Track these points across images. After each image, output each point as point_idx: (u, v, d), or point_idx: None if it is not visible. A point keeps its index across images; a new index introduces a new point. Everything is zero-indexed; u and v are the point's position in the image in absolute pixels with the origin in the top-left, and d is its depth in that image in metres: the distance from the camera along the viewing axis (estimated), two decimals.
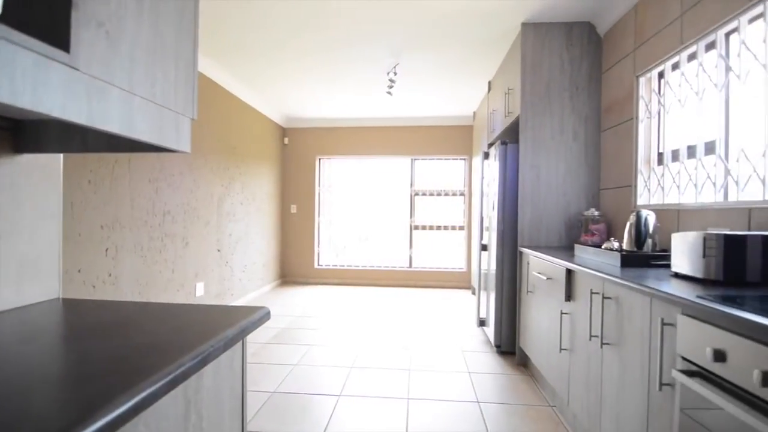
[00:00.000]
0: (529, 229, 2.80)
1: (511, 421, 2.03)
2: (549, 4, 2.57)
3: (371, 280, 5.83)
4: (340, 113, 5.49)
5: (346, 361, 2.81)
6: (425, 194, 5.85)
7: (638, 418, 1.36)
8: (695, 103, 1.92)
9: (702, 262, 1.34)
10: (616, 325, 1.50)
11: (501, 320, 2.93)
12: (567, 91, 2.79)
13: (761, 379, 0.83)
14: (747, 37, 1.63)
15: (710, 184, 1.82)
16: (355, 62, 3.63)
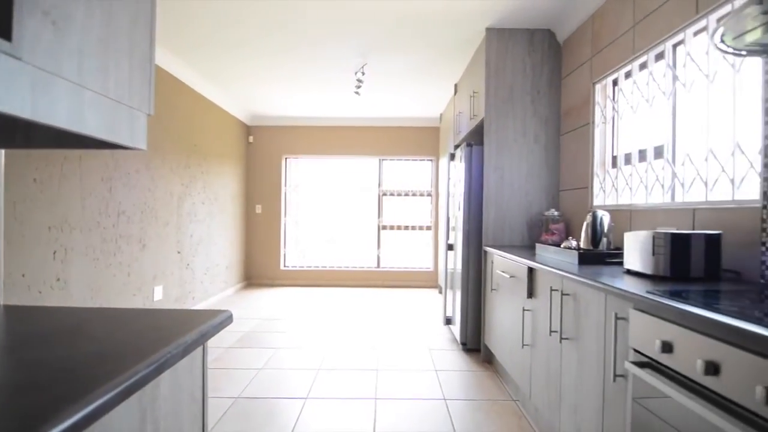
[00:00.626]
0: (493, 228, 2.88)
1: (477, 416, 2.07)
2: (512, 10, 2.65)
3: (339, 280, 5.80)
4: (307, 112, 5.42)
5: (313, 363, 2.78)
6: (393, 194, 5.89)
7: (594, 408, 1.42)
8: (646, 109, 2.04)
9: (652, 260, 1.42)
10: (574, 321, 1.57)
11: (466, 318, 2.99)
12: (529, 95, 2.89)
13: (704, 368, 0.89)
14: (692, 48, 1.75)
15: (659, 186, 1.93)
16: (322, 61, 3.60)
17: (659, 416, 1.05)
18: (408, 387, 2.42)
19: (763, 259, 1.35)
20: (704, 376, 0.90)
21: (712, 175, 1.62)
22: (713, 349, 0.89)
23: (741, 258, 1.43)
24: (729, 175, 1.54)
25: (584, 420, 1.49)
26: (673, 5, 1.80)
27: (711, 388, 0.89)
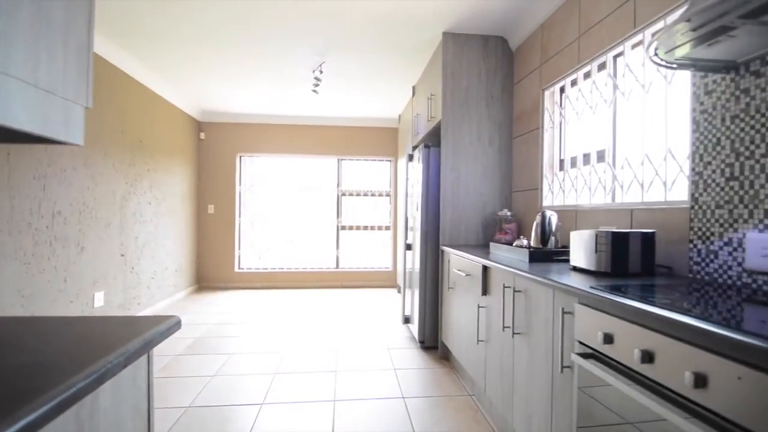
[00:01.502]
0: (450, 228, 2.95)
1: (434, 413, 2.11)
2: (467, 16, 2.72)
3: (297, 282, 5.69)
4: (263, 109, 5.28)
5: (270, 368, 2.70)
6: (352, 195, 5.87)
7: (544, 398, 1.50)
8: (590, 115, 2.18)
9: (595, 257, 1.51)
10: (526, 316, 1.64)
11: (424, 317, 3.03)
12: (484, 100, 2.99)
13: (640, 357, 0.96)
14: (630, 60, 1.88)
15: (601, 188, 2.07)
16: (279, 58, 3.52)
17: (602, 403, 1.12)
18: (367, 387, 2.42)
19: (691, 255, 1.48)
20: (641, 364, 0.97)
21: (647, 178, 1.76)
22: (648, 339, 0.96)
23: (672, 254, 1.56)
24: (662, 178, 1.67)
25: (535, 410, 1.56)
26: (613, 19, 1.93)
27: (647, 375, 0.96)
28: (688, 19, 1.04)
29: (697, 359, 0.83)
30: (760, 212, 1.24)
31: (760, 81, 1.24)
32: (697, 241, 1.45)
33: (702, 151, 1.44)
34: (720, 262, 1.36)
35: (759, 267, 1.22)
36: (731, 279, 1.32)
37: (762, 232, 1.23)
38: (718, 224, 1.38)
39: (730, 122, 1.34)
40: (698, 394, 0.82)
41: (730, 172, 1.34)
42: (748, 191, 1.28)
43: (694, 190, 1.47)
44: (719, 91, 1.38)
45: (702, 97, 1.44)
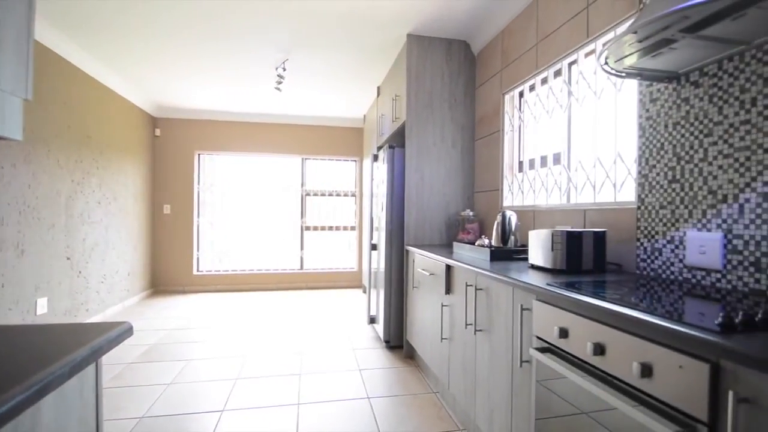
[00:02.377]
0: (414, 228, 2.98)
1: (399, 411, 2.12)
2: (432, 19, 2.76)
3: (260, 284, 5.55)
4: (223, 106, 5.10)
5: (231, 373, 2.62)
6: (316, 194, 5.80)
7: (505, 392, 1.54)
8: (546, 120, 2.27)
9: (551, 255, 1.58)
10: (487, 313, 1.68)
11: (390, 316, 3.05)
12: (447, 102, 3.04)
13: (593, 349, 1.01)
14: (584, 68, 1.98)
15: (557, 189, 2.16)
16: (241, 54, 3.41)
17: (558, 395, 1.17)
18: (332, 389, 2.40)
19: (638, 252, 1.57)
20: (593, 356, 1.02)
21: (599, 180, 1.86)
22: (600, 333, 1.01)
23: (621, 252, 1.66)
24: (612, 180, 1.77)
25: (496, 404, 1.61)
26: (568, 28, 2.02)
27: (599, 367, 1.01)
28: (635, 31, 1.11)
29: (643, 350, 0.88)
30: (698, 212, 1.34)
31: (698, 91, 1.34)
32: (644, 240, 1.55)
33: (647, 155, 1.54)
34: (663, 259, 1.46)
35: (697, 263, 1.32)
36: (673, 275, 1.42)
37: (700, 230, 1.33)
38: (661, 224, 1.47)
39: (672, 129, 1.44)
40: (644, 383, 0.87)
41: (672, 175, 1.44)
42: (688, 193, 1.38)
43: (640, 192, 1.57)
44: (663, 99, 1.48)
45: (647, 105, 1.54)
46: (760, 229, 1.15)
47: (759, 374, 0.67)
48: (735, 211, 1.22)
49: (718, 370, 0.73)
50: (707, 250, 1.29)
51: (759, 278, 1.15)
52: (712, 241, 1.27)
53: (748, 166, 1.19)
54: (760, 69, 1.16)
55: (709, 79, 1.31)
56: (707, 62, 1.29)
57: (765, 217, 1.14)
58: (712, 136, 1.30)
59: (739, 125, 1.21)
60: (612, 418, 0.97)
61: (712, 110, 1.30)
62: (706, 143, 1.31)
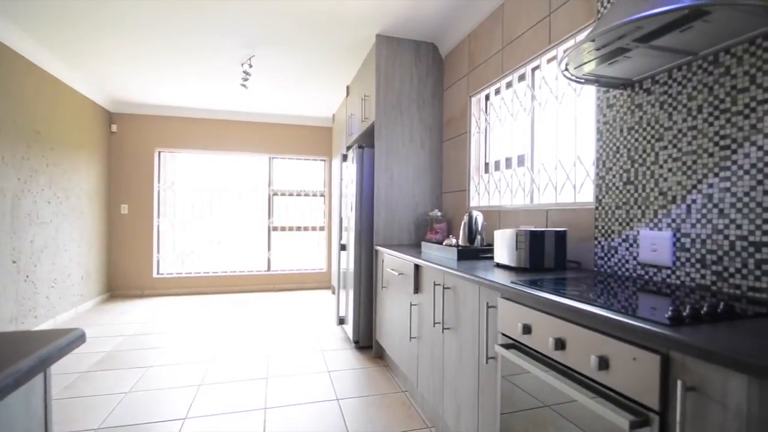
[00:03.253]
0: (383, 228, 2.99)
1: (368, 411, 2.12)
2: (399, 20, 2.78)
3: (225, 286, 5.39)
4: (186, 101, 4.92)
5: (194, 379, 2.53)
6: (284, 194, 5.70)
7: (472, 388, 1.57)
8: (511, 122, 2.34)
9: (515, 254, 1.63)
10: (455, 311, 1.71)
11: (359, 317, 3.04)
12: (415, 103, 3.07)
13: (554, 344, 1.05)
14: (546, 73, 2.05)
15: (521, 190, 2.23)
16: (205, 48, 3.30)
17: (523, 389, 1.21)
18: (300, 392, 2.36)
19: (596, 251, 1.65)
20: (554, 351, 1.06)
21: (560, 181, 1.93)
22: (561, 328, 1.05)
23: (581, 250, 1.73)
24: (572, 181, 1.85)
25: (463, 401, 1.64)
26: (532, 34, 2.09)
27: (559, 361, 1.05)
28: (593, 39, 1.16)
29: (600, 344, 0.92)
30: (650, 212, 1.42)
31: (650, 98, 1.42)
32: (601, 239, 1.62)
33: (604, 158, 1.61)
34: (619, 256, 1.54)
35: (649, 260, 1.40)
36: (628, 271, 1.50)
37: (652, 230, 1.41)
38: (617, 223, 1.55)
39: (627, 133, 1.52)
40: (602, 375, 0.91)
41: (627, 177, 1.51)
42: (641, 194, 1.46)
43: (598, 193, 1.64)
44: (618, 105, 1.56)
45: (604, 110, 1.62)
46: (705, 228, 1.23)
47: (704, 364, 0.71)
48: (683, 211, 1.30)
49: (668, 361, 0.78)
50: (658, 248, 1.37)
51: (704, 274, 1.24)
52: (663, 240, 1.35)
53: (695, 169, 1.27)
54: (706, 78, 1.24)
55: (660, 87, 1.39)
56: (658, 71, 1.37)
57: (709, 217, 1.22)
58: (663, 140, 1.38)
59: (687, 131, 1.30)
60: (572, 410, 1.01)
61: (663, 116, 1.38)
62: (657, 147, 1.40)
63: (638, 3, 1.06)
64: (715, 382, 0.69)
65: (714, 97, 1.22)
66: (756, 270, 1.10)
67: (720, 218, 1.19)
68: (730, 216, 1.17)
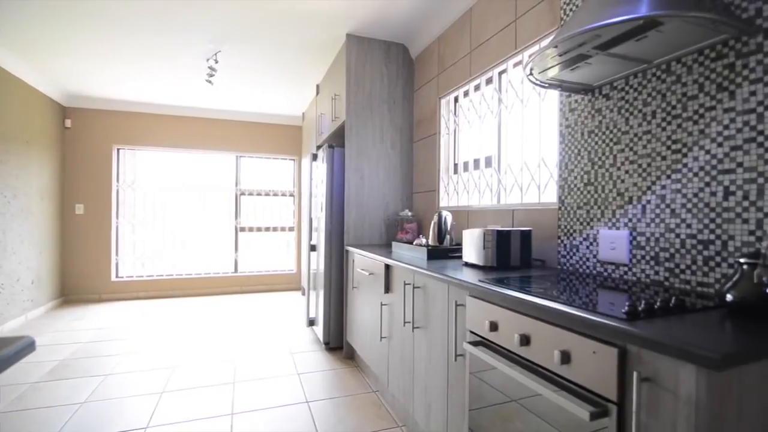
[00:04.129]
0: (354, 228, 2.98)
1: (339, 413, 2.11)
2: (370, 20, 2.78)
3: (190, 289, 5.21)
4: (148, 97, 4.71)
5: (157, 386, 2.43)
6: (252, 194, 5.57)
7: (441, 386, 1.59)
8: (479, 124, 2.39)
9: (483, 253, 1.66)
10: (424, 310, 1.73)
11: (329, 318, 3.02)
12: (386, 104, 3.08)
13: (519, 340, 1.07)
14: (512, 77, 2.11)
15: (489, 191, 2.28)
16: (168, 41, 3.17)
17: (490, 384, 1.24)
18: (269, 395, 2.32)
19: (559, 249, 1.71)
20: (520, 347, 1.09)
21: (525, 182, 1.99)
22: (526, 324, 1.08)
23: (545, 249, 1.79)
24: (537, 182, 1.91)
25: (433, 398, 1.66)
26: (499, 39, 2.14)
27: (524, 356, 1.08)
28: (556, 45, 1.21)
29: (562, 339, 0.96)
30: (609, 212, 1.49)
31: (609, 103, 1.49)
32: (564, 237, 1.68)
33: (567, 160, 1.68)
34: (581, 254, 1.60)
35: (608, 258, 1.47)
36: (589, 269, 1.56)
37: (610, 229, 1.48)
38: (578, 223, 1.62)
39: (588, 136, 1.58)
40: (564, 369, 0.95)
41: (588, 179, 1.58)
42: (600, 195, 1.52)
43: (561, 194, 1.70)
44: (580, 109, 1.62)
45: (567, 114, 1.68)
46: (659, 227, 1.31)
47: (657, 355, 0.75)
48: (639, 211, 1.37)
49: (625, 354, 0.82)
50: (616, 247, 1.43)
51: (658, 270, 1.31)
52: (620, 238, 1.42)
53: (649, 171, 1.34)
54: (659, 86, 1.31)
55: (617, 93, 1.46)
56: (616, 77, 1.44)
57: (662, 217, 1.30)
58: (620, 144, 1.45)
59: (642, 135, 1.37)
60: (537, 403, 1.04)
61: (620, 121, 1.45)
62: (615, 150, 1.46)
63: (598, 12, 1.10)
64: (667, 373, 0.74)
65: (667, 103, 1.29)
66: (704, 266, 1.18)
67: (672, 218, 1.27)
68: (681, 216, 1.24)
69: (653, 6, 1.00)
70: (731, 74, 1.12)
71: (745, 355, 0.68)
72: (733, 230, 1.10)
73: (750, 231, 1.07)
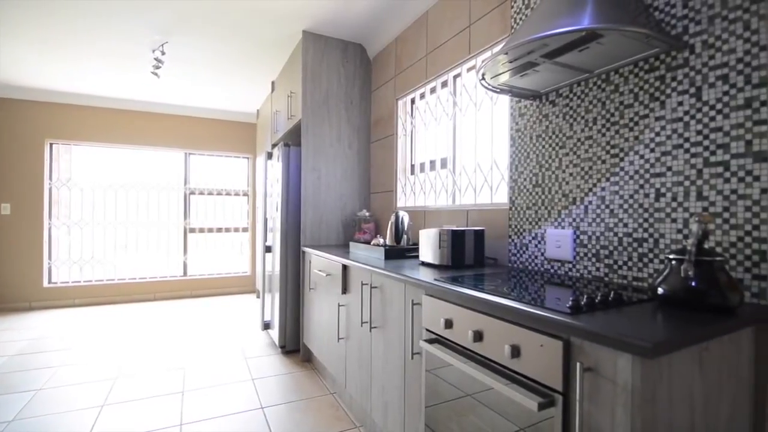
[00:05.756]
0: (311, 229, 2.93)
1: (295, 417, 2.07)
2: (327, 18, 2.75)
3: (135, 295, 4.89)
4: (86, 88, 4.37)
5: (96, 399, 2.26)
6: (203, 193, 5.33)
7: (398, 384, 1.61)
8: (435, 126, 2.43)
9: (439, 252, 1.70)
10: (382, 310, 1.73)
11: (285, 320, 2.95)
12: (343, 104, 3.06)
13: (473, 337, 1.11)
14: (467, 81, 2.17)
15: (444, 191, 2.33)
16: (109, 28, 2.96)
17: (446, 381, 1.26)
18: (221, 403, 2.23)
19: (510, 248, 1.78)
20: (473, 343, 1.13)
21: (479, 183, 2.05)
22: (478, 321, 1.12)
23: (497, 248, 1.86)
24: (489, 183, 1.97)
25: (390, 397, 1.67)
26: (454, 43, 2.20)
27: (478, 352, 1.11)
28: (506, 52, 1.26)
29: (513, 334, 1.00)
30: (555, 213, 1.57)
31: (555, 109, 1.58)
32: (514, 236, 1.76)
33: (517, 163, 1.75)
34: (530, 253, 1.68)
35: (554, 256, 1.55)
36: (537, 266, 1.64)
37: (556, 228, 1.56)
38: (527, 222, 1.69)
39: (536, 140, 1.66)
40: (514, 363, 0.99)
41: (536, 180, 1.66)
42: (547, 196, 1.61)
43: (511, 194, 1.78)
44: (529, 114, 1.70)
45: (517, 118, 1.75)
46: (599, 226, 1.40)
47: (597, 346, 0.80)
48: (582, 212, 1.46)
49: (569, 346, 0.87)
50: (562, 245, 1.52)
51: (598, 267, 1.40)
52: (565, 237, 1.50)
53: (591, 174, 1.43)
54: (600, 94, 1.40)
55: (563, 100, 1.54)
56: (562, 85, 1.52)
57: (602, 216, 1.39)
58: (565, 148, 1.53)
59: (584, 140, 1.46)
60: (490, 397, 1.07)
61: (565, 126, 1.53)
62: (561, 154, 1.55)
63: (544, 22, 1.16)
64: (607, 362, 0.79)
65: (606, 111, 1.38)
66: (639, 262, 1.27)
67: (611, 217, 1.36)
68: (618, 215, 1.33)
69: (594, 19, 1.07)
70: (662, 85, 1.22)
71: (673, 343, 0.74)
72: (664, 229, 1.20)
73: (678, 230, 1.17)
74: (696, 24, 1.13)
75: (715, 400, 0.87)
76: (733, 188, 1.04)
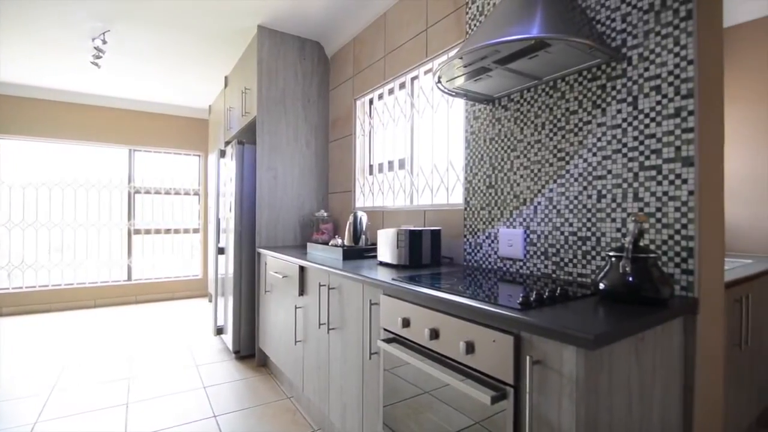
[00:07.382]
0: (266, 229, 2.85)
1: (250, 423, 2.00)
2: (284, 15, 2.69)
3: (72, 302, 4.52)
4: (17, 77, 3.99)
5: (26, 417, 2.06)
6: (149, 192, 5.03)
7: (356, 385, 1.60)
8: (393, 127, 2.45)
9: (396, 252, 1.71)
10: (340, 311, 1.72)
11: (240, 324, 2.85)
12: (300, 102, 3.01)
13: (429, 335, 1.13)
14: (424, 83, 2.20)
15: (402, 192, 2.36)
16: (44, 13, 2.72)
17: (404, 379, 1.27)
18: (169, 415, 2.11)
19: (465, 247, 1.83)
20: (430, 341, 1.14)
21: (436, 184, 2.09)
22: (435, 319, 1.14)
23: (453, 247, 1.90)
24: (445, 184, 2.02)
25: (348, 398, 1.66)
26: (411, 45, 2.22)
27: (434, 349, 1.13)
28: (461, 56, 1.29)
29: (467, 331, 1.02)
30: (507, 213, 1.63)
31: (507, 113, 1.64)
32: (469, 236, 1.81)
33: (471, 164, 1.80)
34: (483, 252, 1.73)
35: (507, 254, 1.61)
36: (491, 264, 1.70)
37: (508, 227, 1.62)
38: (481, 222, 1.75)
39: (489, 143, 1.72)
40: (469, 359, 1.01)
41: (489, 182, 1.71)
42: (500, 196, 1.67)
43: (466, 195, 1.83)
44: (482, 118, 1.75)
45: (472, 121, 1.81)
46: (547, 225, 1.47)
47: (545, 340, 0.84)
48: (531, 212, 1.53)
49: (519, 340, 0.90)
50: (513, 244, 1.58)
51: (547, 264, 1.47)
52: (516, 236, 1.57)
53: (540, 176, 1.50)
54: (548, 100, 1.48)
55: (514, 105, 1.61)
56: (513, 90, 1.58)
57: (550, 216, 1.46)
58: (516, 151, 1.60)
59: (534, 143, 1.53)
60: (447, 393, 1.10)
61: (516, 130, 1.60)
62: (512, 156, 1.61)
63: (497, 30, 1.20)
64: (554, 355, 0.83)
65: (553, 116, 1.46)
66: (582, 259, 1.35)
67: (558, 217, 1.43)
68: (564, 215, 1.41)
69: (543, 29, 1.12)
70: (603, 94, 1.30)
71: (613, 334, 0.79)
72: (605, 228, 1.28)
73: (617, 228, 1.25)
74: (633, 38, 1.22)
75: (649, 385, 0.94)
76: (665, 190, 1.13)
